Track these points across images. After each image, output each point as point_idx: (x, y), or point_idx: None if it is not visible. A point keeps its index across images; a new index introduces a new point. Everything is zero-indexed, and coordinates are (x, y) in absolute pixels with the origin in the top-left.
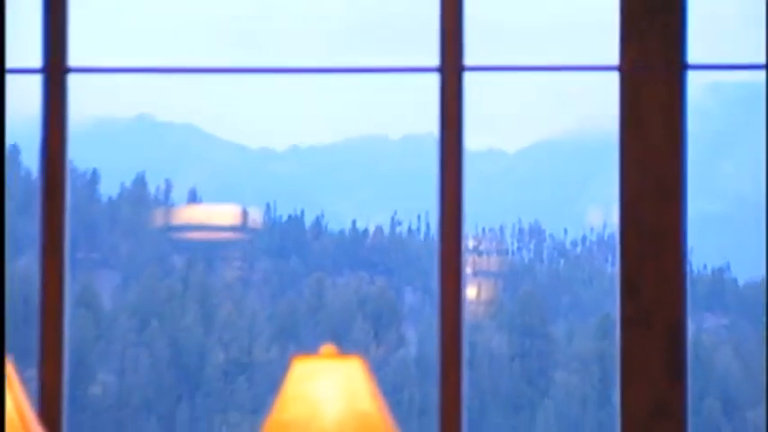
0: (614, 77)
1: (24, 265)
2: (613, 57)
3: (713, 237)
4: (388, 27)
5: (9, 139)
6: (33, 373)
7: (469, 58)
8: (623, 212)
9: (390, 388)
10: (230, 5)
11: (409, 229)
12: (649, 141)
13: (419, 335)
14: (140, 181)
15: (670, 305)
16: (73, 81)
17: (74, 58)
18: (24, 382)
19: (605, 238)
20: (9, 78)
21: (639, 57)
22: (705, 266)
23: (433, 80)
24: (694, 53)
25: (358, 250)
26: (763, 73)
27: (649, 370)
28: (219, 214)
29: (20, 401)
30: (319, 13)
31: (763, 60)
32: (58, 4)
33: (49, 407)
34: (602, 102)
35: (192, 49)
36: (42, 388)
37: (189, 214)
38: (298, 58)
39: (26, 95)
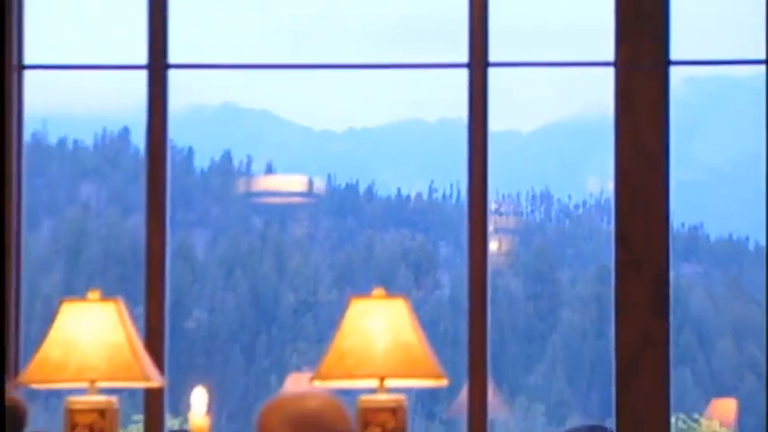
0: (610, 72)
1: (133, 224)
2: (609, 55)
3: (690, 200)
4: (426, 31)
5: (120, 123)
6: (141, 310)
7: (493, 56)
8: (617, 181)
9: (428, 323)
10: (299, 15)
11: (443, 195)
12: (638, 123)
13: (451, 280)
14: (227, 156)
15: (655, 256)
16: (172, 75)
17: (173, 55)
18: (133, 318)
19: (602, 202)
20: (121, 73)
21: (631, 55)
22: (683, 224)
23: (463, 74)
24: (675, 51)
25: (401, 212)
26: (731, 67)
27: (638, 308)
28: (290, 183)
29: (130, 334)
30: (370, 20)
31: (732, 57)
32: (159, 11)
33: (153, 338)
34: (599, 91)
35: (267, 49)
36: (148, 323)
37: (266, 183)
38: (352, 56)
39: (134, 87)
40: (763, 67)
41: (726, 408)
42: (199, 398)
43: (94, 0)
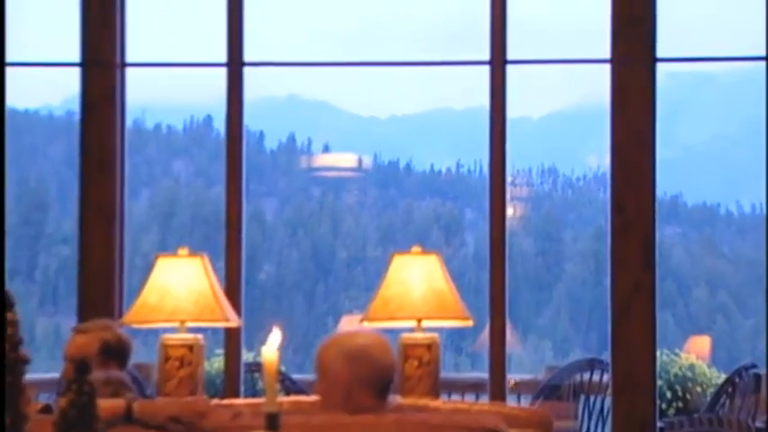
0: (606, 68)
1: (215, 193)
2: (606, 53)
3: (671, 174)
4: (455, 35)
5: (204, 111)
6: (221, 264)
7: (510, 55)
8: (612, 158)
9: (456, 274)
10: (350, 20)
11: (468, 170)
12: (629, 111)
13: (475, 239)
14: (291, 138)
15: (643, 219)
16: (246, 71)
17: (247, 55)
18: (216, 270)
19: (599, 175)
20: (205, 70)
21: (624, 53)
22: (666, 194)
23: (485, 70)
24: (661, 51)
25: (434, 184)
26: (705, 64)
27: (629, 262)
28: (343, 160)
29: (213, 283)
30: (408, 25)
31: (706, 55)
32: (236, 18)
33: (231, 286)
34: (598, 84)
35: (324, 49)
36: (227, 274)
37: (323, 160)
38: (394, 55)
39: (215, 81)
40: (735, 64)
41: (701, 344)
42: (276, 336)
43: (183, 8)
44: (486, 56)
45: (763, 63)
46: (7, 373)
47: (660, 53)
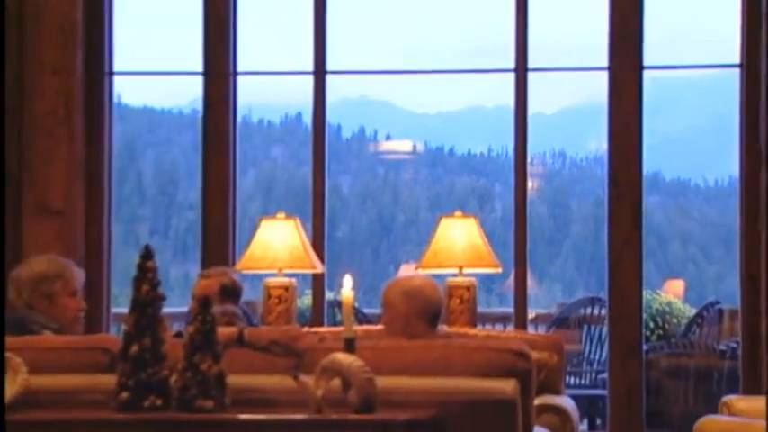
0: (605, 74)
1: (305, 172)
2: (604, 62)
3: (655, 156)
4: (486, 48)
5: (296, 109)
6: (309, 225)
7: (531, 64)
8: (610, 143)
9: (489, 233)
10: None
11: (497, 153)
12: (622, 107)
13: (502, 207)
14: (362, 129)
15: (633, 190)
16: (329, 78)
17: (330, 64)
18: (306, 230)
19: (598, 156)
20: (294, 77)
21: (618, 63)
22: (649, 171)
23: (511, 76)
24: (647, 60)
25: (471, 164)
26: (681, 71)
27: (622, 222)
28: (401, 146)
29: (303, 239)
30: (449, 40)
31: (681, 63)
32: (320, 32)
33: (317, 242)
34: (598, 86)
35: (386, 60)
36: (314, 233)
37: (386, 146)
38: (439, 64)
39: (304, 86)
40: (706, 71)
41: (676, 286)
42: (350, 280)
43: (280, 27)
44: (512, 65)
45: (736, 70)
46: (148, 307)
47: (646, 62)
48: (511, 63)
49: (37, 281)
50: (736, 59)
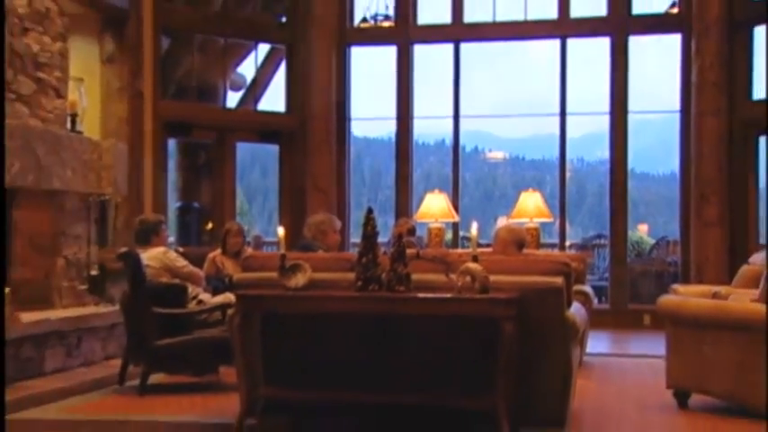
0: (606, 117)
1: (447, 170)
2: (605, 108)
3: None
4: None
5: (440, 136)
6: (450, 196)
7: (569, 109)
8: (611, 154)
9: (546, 200)
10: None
11: (549, 158)
12: (617, 133)
13: (550, 187)
14: (475, 147)
15: (620, 180)
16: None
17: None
18: (449, 199)
19: (603, 161)
20: (441, 120)
21: (614, 109)
22: (632, 169)
23: (556, 120)
24: (631, 106)
25: (534, 165)
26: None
27: (616, 197)
28: (497, 155)
29: (448, 203)
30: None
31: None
32: (456, 87)
33: (454, 204)
34: (601, 124)
35: (492, 106)
36: (453, 200)
37: (488, 156)
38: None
39: (446, 123)
40: (667, 114)
41: (643, 228)
42: (474, 225)
43: (431, 85)
44: (557, 110)
45: (676, 114)
46: (370, 238)
47: (630, 108)
48: (556, 108)
49: (317, 224)
50: None
